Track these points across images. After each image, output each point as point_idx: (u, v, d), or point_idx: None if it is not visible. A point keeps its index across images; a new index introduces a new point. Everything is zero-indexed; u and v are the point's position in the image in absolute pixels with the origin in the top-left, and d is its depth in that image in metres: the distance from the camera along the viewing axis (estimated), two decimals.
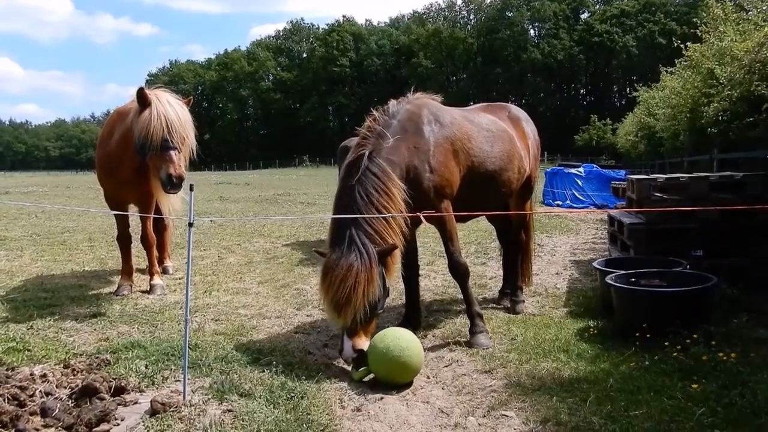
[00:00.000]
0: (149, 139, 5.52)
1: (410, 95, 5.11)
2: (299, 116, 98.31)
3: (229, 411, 3.49)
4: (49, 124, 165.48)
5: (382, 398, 3.82)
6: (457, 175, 4.89)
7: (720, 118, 9.04)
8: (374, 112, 4.85)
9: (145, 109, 5.60)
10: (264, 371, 4.16)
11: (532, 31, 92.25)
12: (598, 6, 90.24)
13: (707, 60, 10.32)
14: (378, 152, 4.46)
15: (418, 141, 4.69)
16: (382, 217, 4.30)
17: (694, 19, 13.30)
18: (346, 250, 4.18)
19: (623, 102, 75.42)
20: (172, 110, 5.68)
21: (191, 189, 3.82)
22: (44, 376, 3.94)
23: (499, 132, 5.47)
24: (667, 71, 16.56)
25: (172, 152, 5.55)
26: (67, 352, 4.56)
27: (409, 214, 4.50)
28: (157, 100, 5.66)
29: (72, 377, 3.98)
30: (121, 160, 6.14)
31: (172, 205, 6.52)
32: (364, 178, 4.36)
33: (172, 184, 5.50)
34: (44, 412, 3.40)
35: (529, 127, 6.16)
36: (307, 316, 5.85)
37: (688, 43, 12.40)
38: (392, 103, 4.94)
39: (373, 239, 4.26)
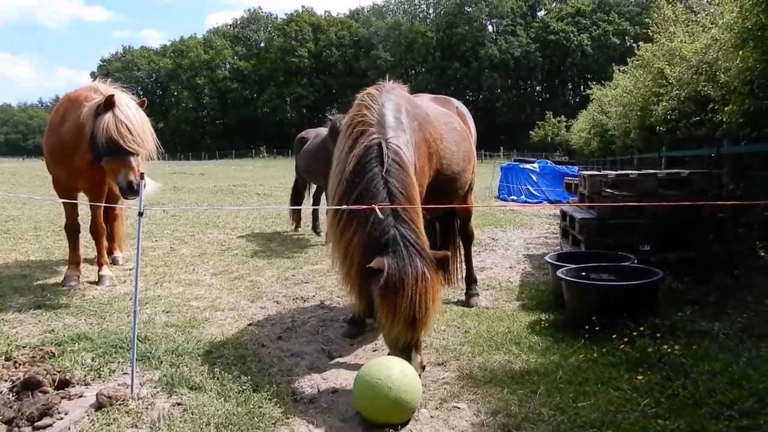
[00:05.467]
0: (111, 143, 5.39)
1: (385, 83, 4.66)
2: (257, 106, 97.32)
3: (179, 404, 3.42)
4: None
5: (335, 391, 3.82)
6: (427, 181, 4.57)
7: (669, 117, 9.30)
8: (363, 100, 4.31)
9: (106, 112, 5.45)
10: (215, 364, 4.10)
11: (490, 27, 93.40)
12: (554, 4, 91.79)
13: (658, 60, 10.59)
14: (389, 143, 3.98)
15: (411, 137, 4.29)
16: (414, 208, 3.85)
17: (646, 20, 13.62)
18: (406, 255, 3.56)
19: (577, 99, 77.01)
20: (132, 114, 5.56)
21: (141, 177, 3.72)
22: None
23: (461, 130, 5.34)
24: (619, 70, 16.94)
25: (132, 158, 5.44)
26: (9, 344, 4.40)
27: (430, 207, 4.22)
28: (118, 103, 5.52)
29: (14, 370, 3.85)
30: (75, 149, 5.95)
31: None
32: (392, 170, 3.85)
33: (133, 191, 5.38)
34: None
35: (472, 124, 6.03)
36: (261, 308, 5.79)
37: (640, 43, 12.70)
38: (375, 92, 4.42)
39: (419, 237, 3.73)
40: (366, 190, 3.78)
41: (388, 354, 3.98)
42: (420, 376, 3.65)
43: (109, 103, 5.48)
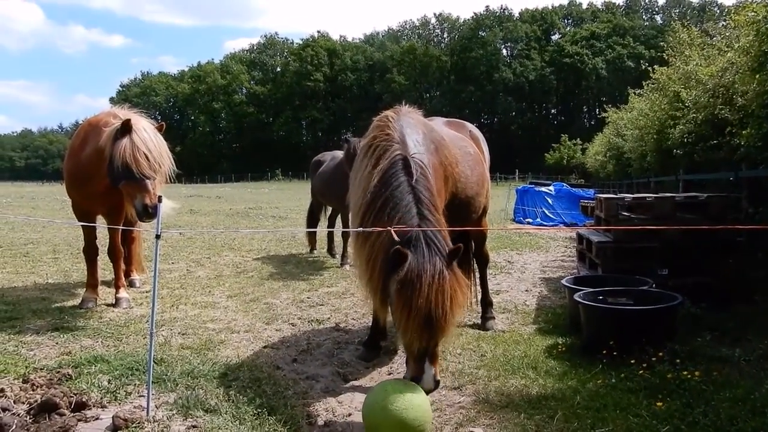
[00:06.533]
0: (126, 168, 5.47)
1: (401, 107, 4.72)
2: (272, 130, 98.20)
3: (194, 427, 3.42)
4: (15, 134, 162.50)
5: (350, 414, 3.80)
6: (442, 204, 4.46)
7: (685, 140, 9.25)
8: (382, 122, 4.38)
9: (124, 137, 5.55)
10: (231, 386, 4.09)
11: (504, 51, 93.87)
12: (569, 28, 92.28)
13: (673, 83, 10.57)
14: (413, 157, 4.05)
15: (429, 159, 4.35)
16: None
17: (661, 43, 13.62)
18: (427, 252, 3.49)
19: (593, 122, 76.91)
20: (150, 139, 5.66)
21: (159, 200, 3.77)
22: (2, 390, 3.82)
23: (475, 154, 5.35)
24: (635, 93, 16.92)
25: (148, 182, 5.53)
26: (26, 367, 4.43)
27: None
28: (136, 128, 5.62)
29: (31, 392, 3.87)
30: (94, 173, 6.04)
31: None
32: (420, 179, 3.91)
33: (149, 214, 5.47)
34: (1, 428, 3.29)
35: (485, 147, 6.05)
36: (276, 330, 5.79)
37: (656, 66, 12.70)
38: (393, 114, 4.48)
39: (444, 237, 3.70)
40: (392, 196, 3.80)
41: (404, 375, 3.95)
42: (432, 390, 3.51)
43: (126, 128, 5.57)
